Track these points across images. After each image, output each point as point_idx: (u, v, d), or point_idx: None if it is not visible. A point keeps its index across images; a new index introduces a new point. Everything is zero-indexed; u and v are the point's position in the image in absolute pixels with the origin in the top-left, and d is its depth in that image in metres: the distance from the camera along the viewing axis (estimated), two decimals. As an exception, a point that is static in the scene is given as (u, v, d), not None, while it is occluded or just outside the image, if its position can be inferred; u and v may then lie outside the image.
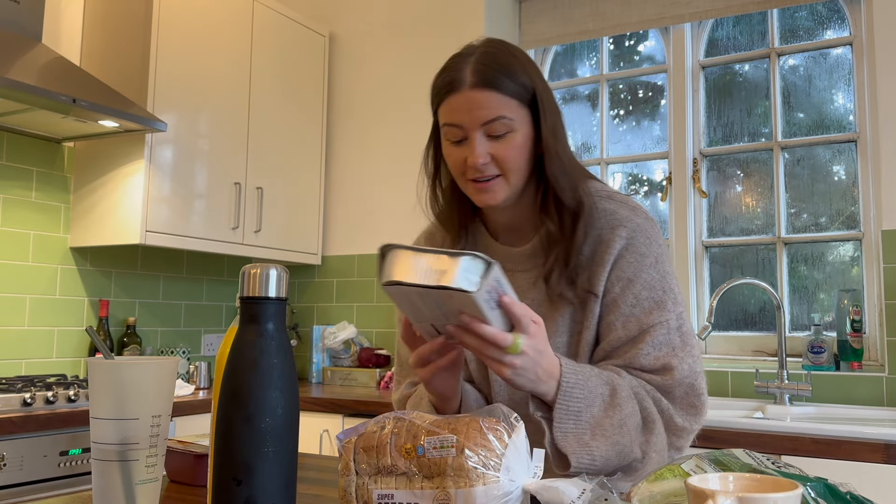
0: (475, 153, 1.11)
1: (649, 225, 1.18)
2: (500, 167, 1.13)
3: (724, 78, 2.93)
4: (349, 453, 0.80)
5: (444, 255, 0.87)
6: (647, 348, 1.11)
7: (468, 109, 1.11)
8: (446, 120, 1.15)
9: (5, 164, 2.61)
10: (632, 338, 1.12)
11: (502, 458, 0.75)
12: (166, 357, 0.80)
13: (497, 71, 1.12)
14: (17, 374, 2.59)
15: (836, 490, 0.71)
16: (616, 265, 1.14)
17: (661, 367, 1.11)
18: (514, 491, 0.74)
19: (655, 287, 1.14)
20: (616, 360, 1.13)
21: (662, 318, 1.12)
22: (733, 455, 0.82)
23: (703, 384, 1.13)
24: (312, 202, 3.39)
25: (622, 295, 1.14)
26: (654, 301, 1.13)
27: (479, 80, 1.11)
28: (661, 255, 1.17)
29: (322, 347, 3.20)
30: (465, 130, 1.13)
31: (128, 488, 0.74)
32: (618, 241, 1.15)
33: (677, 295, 1.15)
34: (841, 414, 2.32)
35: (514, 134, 1.13)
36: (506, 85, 1.11)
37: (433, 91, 1.18)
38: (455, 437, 0.75)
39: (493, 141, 1.12)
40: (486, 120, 1.11)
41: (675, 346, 1.12)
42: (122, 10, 2.76)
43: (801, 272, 2.71)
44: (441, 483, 0.74)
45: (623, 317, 1.13)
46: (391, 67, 3.38)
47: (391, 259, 0.90)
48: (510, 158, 1.13)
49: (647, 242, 1.15)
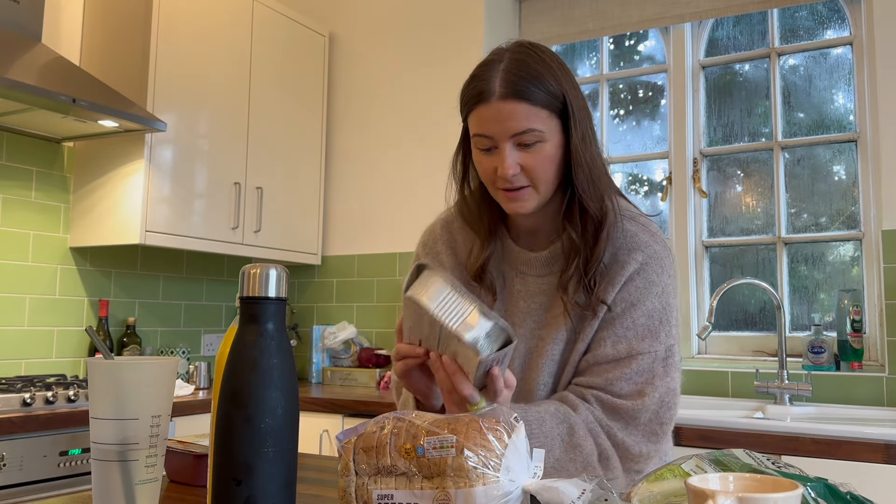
0: (505, 164, 1.11)
1: (665, 254, 1.19)
2: (530, 178, 1.13)
3: (725, 78, 2.93)
4: (349, 453, 0.80)
5: (476, 310, 0.91)
6: (629, 373, 1.13)
7: (497, 121, 1.10)
8: (476, 130, 1.14)
9: (5, 164, 2.60)
10: (618, 359, 1.14)
11: (502, 459, 0.74)
12: (166, 357, 0.80)
13: (527, 80, 1.10)
14: (16, 374, 2.59)
15: (837, 490, 0.71)
16: (625, 287, 1.16)
17: (636, 392, 1.13)
18: (513, 491, 0.74)
19: (654, 316, 1.16)
20: (594, 377, 1.14)
21: (652, 348, 1.14)
22: (733, 455, 0.82)
23: (668, 414, 1.15)
24: (312, 202, 3.39)
25: (621, 316, 1.15)
26: (648, 329, 1.15)
27: (508, 91, 1.10)
28: (669, 286, 1.18)
29: (322, 347, 3.20)
30: (495, 141, 1.12)
31: (127, 488, 0.74)
32: (632, 265, 1.16)
33: (672, 328, 1.17)
34: (841, 414, 2.32)
35: (544, 144, 1.12)
36: (535, 95, 1.10)
37: (462, 100, 1.17)
38: (455, 437, 0.75)
39: (523, 151, 1.12)
40: (516, 132, 1.10)
41: (655, 375, 1.14)
42: (122, 10, 2.76)
43: (802, 272, 2.71)
44: (441, 483, 0.74)
45: (615, 336, 1.15)
46: (391, 67, 3.37)
47: (427, 279, 0.93)
48: (539, 169, 1.13)
49: (659, 271, 1.17)
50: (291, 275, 3.50)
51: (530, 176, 1.13)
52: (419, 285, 0.92)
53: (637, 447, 1.12)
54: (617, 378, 1.13)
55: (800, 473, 0.76)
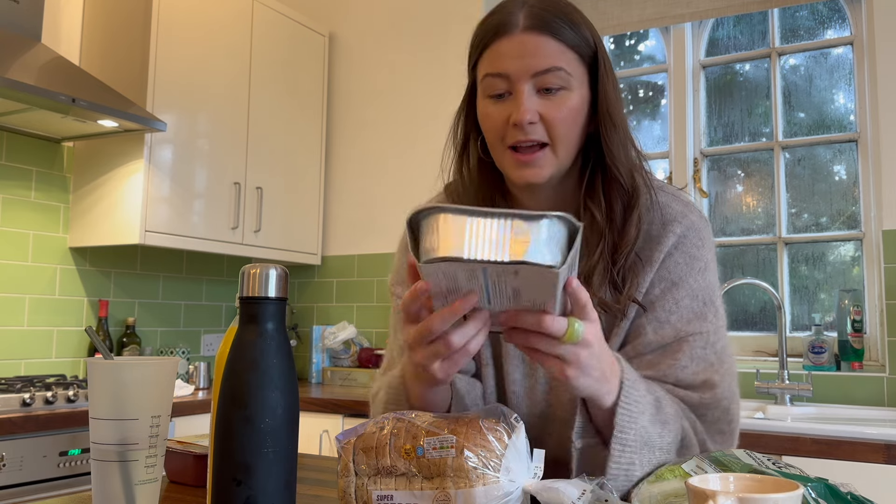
0: (522, 107, 0.93)
1: (703, 224, 1.03)
2: (549, 132, 0.95)
3: (725, 77, 2.93)
4: (348, 454, 0.80)
5: (518, 218, 0.67)
6: (685, 360, 0.96)
7: (519, 55, 0.93)
8: (489, 69, 0.96)
9: (4, 164, 2.60)
10: (664, 345, 0.97)
11: (502, 459, 0.74)
12: (166, 357, 0.80)
13: (556, 16, 0.95)
14: (16, 375, 2.58)
15: (837, 490, 0.71)
16: (663, 264, 0.99)
17: (702, 382, 0.96)
18: (514, 491, 0.74)
19: (699, 296, 0.99)
20: (646, 370, 0.96)
21: (701, 328, 0.98)
22: (734, 455, 0.82)
23: (737, 410, 1.00)
24: (312, 202, 3.38)
25: (661, 297, 0.98)
26: (694, 311, 0.98)
27: (535, 23, 0.94)
28: (711, 261, 1.02)
29: (322, 347, 3.20)
30: (511, 82, 0.94)
31: (127, 489, 0.74)
32: (669, 238, 0.99)
33: (719, 308, 1.01)
34: (841, 414, 2.32)
35: (570, 93, 0.95)
36: (566, 33, 0.94)
37: (475, 39, 0.99)
38: (455, 437, 0.75)
39: (544, 98, 0.94)
40: (540, 69, 0.93)
41: (713, 362, 0.98)
42: (122, 10, 2.75)
43: (802, 272, 2.71)
44: (441, 483, 0.74)
45: (656, 321, 0.98)
46: (391, 67, 3.37)
47: (437, 227, 0.68)
48: (561, 122, 0.94)
49: (699, 244, 1.01)
50: (291, 275, 3.50)
51: (549, 130, 0.94)
52: (433, 239, 0.68)
53: (711, 445, 0.95)
54: (672, 367, 0.96)
55: (800, 473, 0.76)
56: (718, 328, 1.00)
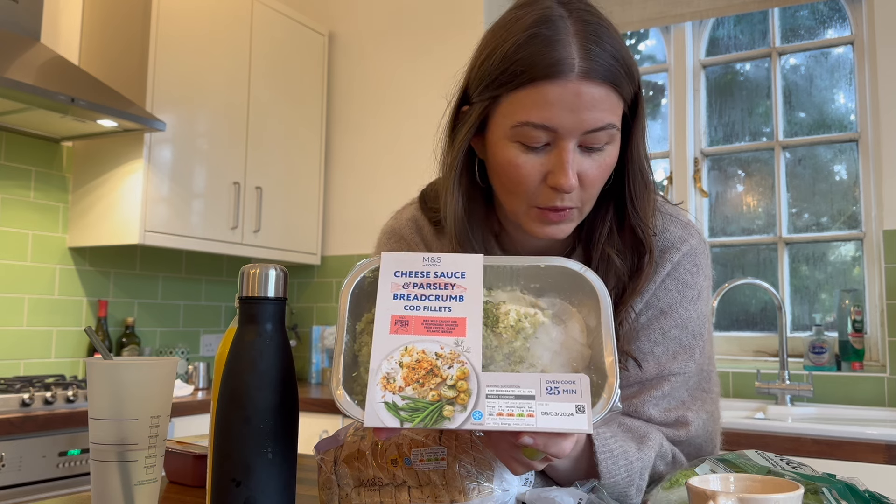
0: (568, 174, 0.80)
1: (702, 249, 0.96)
2: (583, 194, 0.84)
3: (725, 77, 2.93)
4: (329, 465, 0.78)
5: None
6: (658, 398, 0.92)
7: (572, 109, 0.78)
8: (533, 118, 0.80)
9: (4, 164, 2.60)
10: (643, 381, 0.92)
11: (494, 469, 0.73)
12: (165, 357, 0.80)
13: (615, 59, 0.80)
14: (15, 375, 2.58)
15: (856, 489, 0.71)
16: (654, 292, 0.93)
17: (675, 420, 0.92)
18: (507, 501, 0.73)
19: (688, 327, 0.93)
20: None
21: (685, 368, 0.92)
22: (746, 456, 0.81)
23: (710, 447, 0.95)
24: (312, 202, 3.38)
25: (648, 326, 0.92)
26: (681, 344, 0.92)
27: (594, 68, 0.79)
28: (705, 289, 0.96)
29: (321, 348, 3.20)
30: (558, 136, 0.80)
31: (127, 489, 0.74)
32: (665, 267, 0.93)
33: (706, 342, 0.95)
34: (842, 414, 2.31)
35: (612, 149, 0.84)
36: (624, 84, 0.81)
37: (508, 63, 0.81)
38: (444, 448, 0.73)
39: (585, 156, 0.82)
40: (594, 127, 0.80)
41: (691, 397, 0.93)
42: (121, 10, 2.75)
43: (803, 272, 2.71)
44: (432, 492, 0.73)
45: (640, 353, 0.92)
46: (391, 67, 3.37)
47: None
48: (598, 182, 0.84)
49: (695, 271, 0.94)
50: (291, 275, 3.50)
51: (584, 191, 0.84)
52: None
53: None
54: (644, 402, 0.91)
55: (815, 473, 0.76)
56: (703, 364, 0.95)
